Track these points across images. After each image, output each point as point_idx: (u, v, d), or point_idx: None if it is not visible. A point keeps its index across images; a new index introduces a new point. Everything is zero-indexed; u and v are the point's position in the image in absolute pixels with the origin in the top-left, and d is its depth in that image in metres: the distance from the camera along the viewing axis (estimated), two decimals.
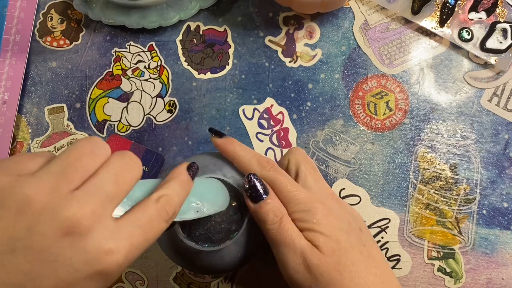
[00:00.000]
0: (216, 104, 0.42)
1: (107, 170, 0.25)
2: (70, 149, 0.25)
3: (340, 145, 0.41)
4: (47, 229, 0.23)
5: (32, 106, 0.42)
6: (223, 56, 0.42)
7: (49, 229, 0.23)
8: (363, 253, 0.31)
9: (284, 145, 0.41)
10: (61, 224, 0.23)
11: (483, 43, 0.41)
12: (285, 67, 0.42)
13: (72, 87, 0.42)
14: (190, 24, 0.43)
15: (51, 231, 0.23)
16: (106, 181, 0.25)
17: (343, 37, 0.42)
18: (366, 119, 0.41)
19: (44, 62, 0.43)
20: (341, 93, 0.42)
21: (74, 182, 0.24)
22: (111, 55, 0.42)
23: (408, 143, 0.41)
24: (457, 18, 0.41)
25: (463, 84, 0.42)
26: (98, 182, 0.25)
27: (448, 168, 0.41)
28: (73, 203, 0.23)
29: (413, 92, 0.42)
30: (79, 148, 0.26)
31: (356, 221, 0.33)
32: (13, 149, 0.41)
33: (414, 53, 0.42)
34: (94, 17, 0.41)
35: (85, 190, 0.24)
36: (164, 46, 0.42)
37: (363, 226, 0.33)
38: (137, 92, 0.42)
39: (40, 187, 0.23)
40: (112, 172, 0.25)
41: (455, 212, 0.40)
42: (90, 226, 0.23)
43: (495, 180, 0.40)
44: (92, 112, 0.42)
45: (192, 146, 0.41)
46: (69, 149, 0.26)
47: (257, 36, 0.42)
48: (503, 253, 0.40)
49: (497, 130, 0.41)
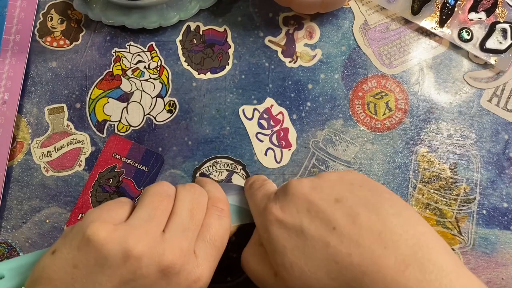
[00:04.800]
0: (216, 104, 0.42)
1: (183, 208, 0.30)
2: (149, 195, 0.30)
3: (340, 145, 0.41)
4: (149, 272, 0.27)
5: (32, 106, 0.42)
6: (223, 56, 0.42)
7: (150, 272, 0.27)
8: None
9: (284, 145, 0.41)
10: (159, 267, 0.27)
11: (483, 43, 0.41)
12: (285, 67, 0.42)
13: (72, 87, 0.42)
14: (190, 24, 0.43)
15: (152, 273, 0.27)
16: (185, 218, 0.30)
17: (343, 37, 0.42)
18: (366, 119, 0.41)
19: (44, 62, 0.43)
20: (341, 93, 0.42)
21: (162, 223, 0.29)
22: (111, 55, 0.42)
23: (408, 143, 0.41)
24: (457, 18, 0.41)
25: (463, 84, 0.42)
26: (179, 221, 0.29)
27: (448, 168, 0.41)
28: (165, 248, 0.28)
29: (413, 92, 0.42)
30: (156, 193, 0.30)
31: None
32: (13, 149, 0.41)
33: (414, 53, 0.42)
34: (94, 17, 0.41)
35: (171, 232, 0.29)
36: (164, 46, 0.42)
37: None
38: (137, 92, 0.42)
39: (137, 234, 0.27)
40: (187, 208, 0.30)
41: (455, 212, 0.40)
42: (181, 264, 0.28)
43: (495, 180, 0.41)
44: (92, 112, 0.42)
45: (192, 146, 0.41)
46: (147, 195, 0.30)
47: (257, 36, 0.42)
48: (503, 253, 0.40)
49: (497, 130, 0.41)
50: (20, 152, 0.41)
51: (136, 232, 0.27)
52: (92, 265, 0.26)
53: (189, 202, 0.31)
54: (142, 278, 0.27)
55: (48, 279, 0.27)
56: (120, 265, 0.26)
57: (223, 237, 0.31)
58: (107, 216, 0.29)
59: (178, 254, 0.28)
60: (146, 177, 0.41)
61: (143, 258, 0.27)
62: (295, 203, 0.29)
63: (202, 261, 0.29)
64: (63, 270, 0.27)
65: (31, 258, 0.29)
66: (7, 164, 0.40)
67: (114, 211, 0.29)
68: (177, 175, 0.41)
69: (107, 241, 0.27)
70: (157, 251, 0.27)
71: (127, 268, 0.26)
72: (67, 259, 0.27)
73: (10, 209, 0.41)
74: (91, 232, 0.27)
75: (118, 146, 0.41)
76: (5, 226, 0.40)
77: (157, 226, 0.29)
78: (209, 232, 0.30)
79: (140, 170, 0.41)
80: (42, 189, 0.41)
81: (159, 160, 0.41)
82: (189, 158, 0.41)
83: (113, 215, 0.29)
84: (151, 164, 0.41)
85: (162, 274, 0.27)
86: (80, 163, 0.41)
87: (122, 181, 0.41)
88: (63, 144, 0.41)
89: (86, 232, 0.27)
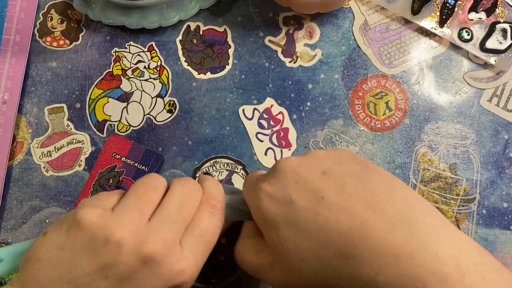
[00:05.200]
0: (216, 104, 0.42)
1: (173, 199, 0.30)
2: (135, 186, 0.31)
3: (340, 145, 0.41)
4: (129, 259, 0.27)
5: (32, 106, 0.42)
6: (223, 56, 0.42)
7: (130, 260, 0.27)
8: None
9: (284, 145, 0.41)
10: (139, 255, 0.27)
11: (483, 43, 0.41)
12: (285, 67, 0.42)
13: (72, 87, 0.42)
14: (190, 24, 0.43)
15: (132, 261, 0.27)
16: (172, 210, 0.30)
17: (343, 37, 0.42)
18: (366, 119, 0.41)
19: (44, 62, 0.43)
20: (341, 93, 0.42)
21: (146, 213, 0.29)
22: (111, 55, 0.42)
23: (408, 143, 0.41)
24: (457, 18, 0.41)
25: (463, 84, 0.42)
26: (166, 213, 0.29)
27: (448, 168, 0.41)
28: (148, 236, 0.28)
29: (413, 92, 0.42)
30: (143, 184, 0.31)
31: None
32: (13, 149, 0.41)
33: (414, 53, 0.42)
34: (94, 17, 0.41)
35: (156, 222, 0.29)
36: (164, 46, 0.42)
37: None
38: (137, 92, 0.42)
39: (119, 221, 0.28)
40: (177, 201, 0.30)
41: (455, 212, 0.40)
42: (163, 254, 0.28)
43: (495, 180, 0.41)
44: (92, 112, 0.42)
45: (192, 146, 0.41)
46: (134, 186, 0.31)
47: (257, 36, 0.42)
48: (503, 253, 0.40)
49: (497, 130, 0.41)
50: (20, 152, 0.41)
51: (118, 218, 0.28)
52: (77, 248, 0.27)
53: (180, 195, 0.31)
54: (122, 264, 0.27)
55: (37, 259, 0.27)
56: (101, 249, 0.27)
57: (213, 233, 0.31)
58: (97, 203, 0.29)
59: (160, 244, 0.28)
60: None
61: (123, 245, 0.27)
62: (284, 178, 0.29)
63: (188, 255, 0.29)
64: (51, 251, 0.27)
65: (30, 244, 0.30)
66: (7, 164, 0.40)
67: (105, 199, 0.30)
68: (177, 175, 0.41)
69: (93, 225, 0.27)
70: (138, 238, 0.27)
71: (107, 252, 0.27)
72: (56, 241, 0.28)
73: (10, 209, 0.41)
74: (80, 216, 0.28)
75: (118, 146, 0.41)
76: (5, 226, 0.40)
77: (140, 215, 0.29)
78: (199, 227, 0.30)
79: (140, 170, 0.41)
80: (42, 189, 0.41)
81: (159, 160, 0.41)
82: (189, 158, 0.41)
83: (103, 202, 0.30)
84: (151, 164, 0.41)
85: (142, 262, 0.27)
86: (80, 163, 0.41)
87: (122, 181, 0.41)
88: (63, 144, 0.41)
89: (76, 216, 0.28)
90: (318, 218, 0.27)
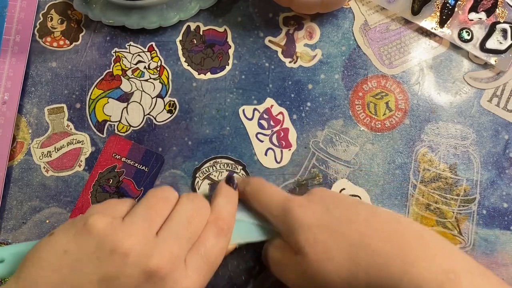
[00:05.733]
0: (216, 104, 0.42)
1: (180, 214, 0.30)
2: (147, 196, 0.31)
3: (340, 145, 0.41)
4: (134, 272, 0.27)
5: (32, 106, 0.42)
6: (223, 57, 0.42)
7: (135, 272, 0.27)
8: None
9: (284, 145, 0.41)
10: (144, 269, 0.27)
11: (483, 43, 0.41)
12: (285, 67, 0.42)
13: (72, 88, 0.42)
14: (190, 24, 0.43)
15: (137, 274, 0.27)
16: (180, 225, 0.30)
17: (343, 37, 0.42)
18: (366, 119, 0.41)
19: (44, 62, 0.43)
20: (341, 94, 0.42)
21: (155, 224, 0.29)
22: (111, 56, 0.42)
23: (408, 144, 0.41)
24: (457, 19, 0.41)
25: (463, 85, 0.42)
26: (174, 227, 0.29)
27: (448, 168, 0.41)
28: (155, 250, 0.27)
29: (413, 92, 0.42)
30: (155, 195, 0.31)
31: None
32: (13, 149, 0.41)
33: (414, 54, 0.42)
34: (94, 17, 0.41)
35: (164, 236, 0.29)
36: (164, 46, 0.42)
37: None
38: (137, 93, 0.42)
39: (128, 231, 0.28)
40: (185, 216, 0.30)
41: (455, 212, 0.40)
42: (168, 270, 0.27)
43: (495, 181, 0.40)
44: (92, 112, 0.42)
45: (192, 146, 0.41)
46: (147, 197, 0.31)
47: (257, 36, 0.42)
48: (503, 253, 0.40)
49: (497, 130, 0.41)
50: (20, 152, 0.41)
51: (127, 228, 0.28)
52: (81, 253, 0.27)
53: (189, 210, 0.31)
54: (126, 277, 0.27)
55: (38, 258, 0.27)
56: (106, 258, 0.27)
57: (218, 255, 0.31)
58: (108, 211, 0.29)
59: (166, 258, 0.27)
60: (146, 177, 0.41)
61: (130, 256, 0.27)
62: (319, 193, 0.33)
63: (191, 273, 0.29)
64: (54, 252, 0.27)
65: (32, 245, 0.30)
66: (7, 164, 0.40)
67: (116, 207, 0.30)
68: (177, 175, 0.41)
69: (102, 233, 0.27)
70: (145, 251, 0.27)
71: (112, 263, 0.26)
72: (61, 243, 0.27)
73: (10, 209, 0.41)
74: (91, 222, 0.28)
75: (118, 146, 0.41)
76: (5, 226, 0.40)
77: (149, 226, 0.29)
78: (205, 246, 0.30)
79: (140, 170, 0.41)
80: (42, 189, 0.41)
81: (159, 160, 0.41)
82: (189, 158, 0.41)
83: (114, 210, 0.30)
84: (151, 164, 0.41)
85: (147, 277, 0.27)
86: (80, 163, 0.41)
87: (122, 181, 0.41)
88: (63, 144, 0.41)
89: (87, 222, 0.28)
90: (353, 225, 0.30)
